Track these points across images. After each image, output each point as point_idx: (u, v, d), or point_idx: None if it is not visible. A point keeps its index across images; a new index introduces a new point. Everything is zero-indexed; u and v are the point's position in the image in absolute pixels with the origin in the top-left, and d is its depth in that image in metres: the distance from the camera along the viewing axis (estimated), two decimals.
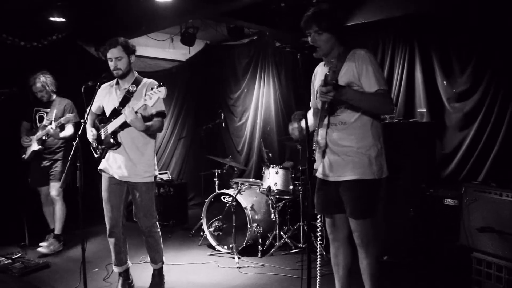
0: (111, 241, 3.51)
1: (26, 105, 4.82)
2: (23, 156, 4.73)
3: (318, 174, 2.86)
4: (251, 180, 5.57)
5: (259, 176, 6.24)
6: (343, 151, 2.67)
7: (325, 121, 2.71)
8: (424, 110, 4.74)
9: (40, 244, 4.72)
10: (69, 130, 4.65)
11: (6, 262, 4.20)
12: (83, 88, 3.19)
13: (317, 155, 2.88)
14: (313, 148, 2.93)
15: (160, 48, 6.88)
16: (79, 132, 3.13)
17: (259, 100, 6.90)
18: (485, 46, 4.44)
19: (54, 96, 4.79)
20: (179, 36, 6.53)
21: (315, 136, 2.85)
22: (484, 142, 4.50)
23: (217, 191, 5.09)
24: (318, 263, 3.17)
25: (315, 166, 2.92)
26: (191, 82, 7.36)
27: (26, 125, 4.81)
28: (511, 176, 4.17)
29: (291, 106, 6.51)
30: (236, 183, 5.14)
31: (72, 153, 3.02)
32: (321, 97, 2.46)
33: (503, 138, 4.34)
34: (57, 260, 4.51)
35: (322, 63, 2.95)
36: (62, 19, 4.92)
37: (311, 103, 3.16)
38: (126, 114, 3.08)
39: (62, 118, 4.48)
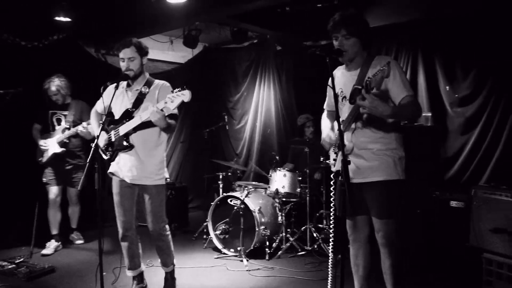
0: (125, 245, 3.45)
1: (39, 108, 4.87)
2: (39, 159, 4.76)
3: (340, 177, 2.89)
4: (254, 183, 5.57)
5: (259, 179, 6.28)
6: (369, 154, 2.72)
7: (352, 126, 2.75)
8: (429, 114, 4.83)
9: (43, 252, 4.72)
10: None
11: (10, 266, 4.12)
12: (102, 89, 3.17)
13: (338, 158, 2.91)
14: (334, 151, 2.98)
15: (160, 50, 6.85)
16: (98, 134, 3.11)
17: (259, 103, 6.91)
18: (488, 51, 4.55)
19: (70, 99, 4.86)
20: (179, 38, 6.53)
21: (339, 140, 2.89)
22: (486, 146, 4.60)
23: (221, 194, 5.09)
24: (330, 264, 3.18)
25: (334, 169, 2.96)
26: (190, 85, 7.25)
27: (39, 128, 4.84)
28: None
29: (292, 110, 6.54)
30: (240, 186, 5.15)
31: (90, 155, 2.99)
32: (359, 103, 2.48)
33: (505, 142, 4.45)
34: (62, 264, 4.45)
35: (340, 67, 2.98)
36: (67, 19, 4.86)
37: (325, 105, 3.19)
38: (151, 114, 3.02)
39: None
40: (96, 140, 3.02)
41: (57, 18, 4.84)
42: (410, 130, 4.63)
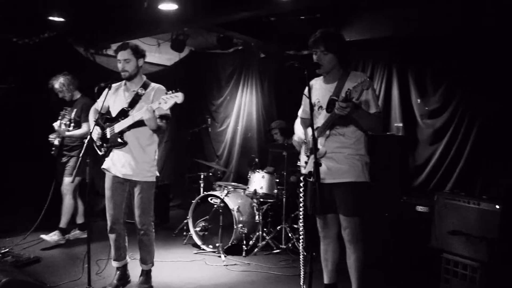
0: (112, 237, 3.65)
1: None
2: (52, 152, 5.03)
3: (311, 178, 3.17)
4: (233, 183, 5.81)
5: (238, 180, 6.52)
6: (340, 157, 3.01)
7: (327, 132, 3.03)
8: (401, 124, 5.15)
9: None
10: (80, 129, 4.93)
11: None
12: (96, 89, 3.38)
13: (310, 161, 3.19)
14: (306, 154, 3.27)
15: (147, 51, 6.99)
16: (91, 130, 3.32)
17: (241, 108, 7.19)
18: (456, 69, 4.91)
19: (78, 95, 5.06)
20: (166, 41, 6.74)
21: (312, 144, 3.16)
22: (452, 156, 4.95)
23: (202, 193, 5.31)
24: (301, 261, 3.48)
25: (305, 171, 3.24)
26: (175, 87, 7.50)
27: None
28: (475, 186, 4.66)
29: (273, 115, 6.81)
30: (220, 186, 5.39)
31: (83, 149, 3.20)
32: (338, 110, 2.78)
33: (469, 153, 4.80)
34: (46, 254, 4.61)
35: (317, 78, 3.26)
36: (61, 19, 5.02)
37: (300, 112, 3.48)
38: (144, 112, 3.23)
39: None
40: (89, 135, 3.24)
41: (50, 18, 5.00)
42: (382, 139, 4.94)
